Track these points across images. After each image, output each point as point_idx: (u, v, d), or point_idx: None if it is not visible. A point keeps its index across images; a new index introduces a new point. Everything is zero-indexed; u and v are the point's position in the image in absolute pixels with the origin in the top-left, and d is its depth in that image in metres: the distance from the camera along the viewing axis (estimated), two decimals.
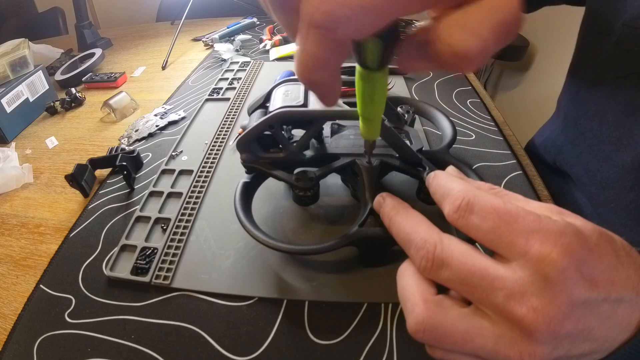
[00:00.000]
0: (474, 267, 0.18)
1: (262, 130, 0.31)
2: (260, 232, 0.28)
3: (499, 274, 0.17)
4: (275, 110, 0.30)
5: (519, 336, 0.17)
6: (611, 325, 0.17)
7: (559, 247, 0.16)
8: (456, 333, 0.18)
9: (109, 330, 0.29)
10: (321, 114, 0.30)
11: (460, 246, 0.19)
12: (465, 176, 0.23)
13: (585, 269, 0.16)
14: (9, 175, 0.45)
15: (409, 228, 0.21)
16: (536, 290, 0.16)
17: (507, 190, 0.21)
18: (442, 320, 0.18)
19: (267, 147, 0.32)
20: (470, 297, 0.18)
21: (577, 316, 0.16)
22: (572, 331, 0.16)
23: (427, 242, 0.19)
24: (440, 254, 0.19)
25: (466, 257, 0.18)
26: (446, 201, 0.20)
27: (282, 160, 0.32)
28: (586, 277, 0.16)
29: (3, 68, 0.58)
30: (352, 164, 0.31)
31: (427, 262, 0.19)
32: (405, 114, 0.38)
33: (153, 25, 1.09)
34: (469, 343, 0.18)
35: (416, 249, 0.20)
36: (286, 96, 0.32)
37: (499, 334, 0.17)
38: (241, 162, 0.32)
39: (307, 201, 0.31)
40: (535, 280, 0.16)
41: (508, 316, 0.17)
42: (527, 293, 0.16)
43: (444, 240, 0.19)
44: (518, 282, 0.17)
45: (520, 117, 1.48)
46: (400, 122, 0.37)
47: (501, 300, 0.17)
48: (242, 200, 0.31)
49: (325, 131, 0.35)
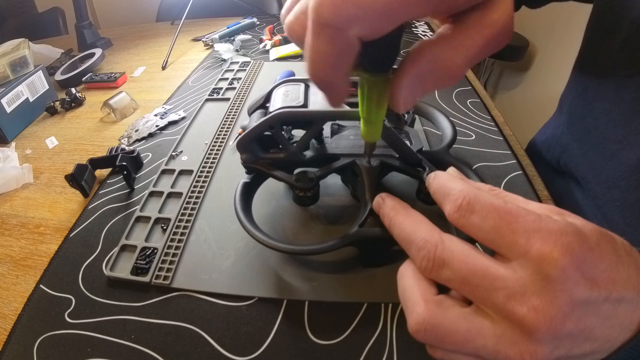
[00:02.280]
0: (475, 266, 0.18)
1: (262, 131, 0.31)
2: (260, 232, 0.28)
3: (500, 274, 0.17)
4: (275, 111, 0.30)
5: (519, 336, 0.17)
6: (612, 324, 0.17)
7: (560, 246, 0.16)
8: (457, 333, 0.18)
9: (109, 330, 0.29)
10: (321, 114, 0.30)
11: (461, 246, 0.19)
12: (465, 177, 0.23)
13: (585, 268, 0.16)
14: (9, 175, 0.45)
15: (410, 228, 0.21)
16: (537, 290, 0.16)
17: (507, 192, 0.21)
18: (442, 320, 0.18)
19: (267, 147, 0.32)
20: (471, 297, 0.18)
21: (578, 316, 0.16)
22: (573, 331, 0.16)
23: (428, 242, 0.19)
24: (441, 254, 0.19)
25: (467, 256, 0.18)
26: (447, 201, 0.20)
27: (282, 160, 0.32)
28: (587, 277, 0.16)
29: (3, 68, 0.58)
30: (352, 164, 0.31)
31: (428, 262, 0.19)
32: (405, 114, 0.38)
33: (153, 25, 1.09)
34: (470, 343, 0.18)
35: (417, 249, 0.20)
36: (286, 96, 0.32)
37: (499, 334, 0.17)
38: (241, 162, 0.32)
39: (307, 201, 0.31)
40: (535, 280, 0.16)
41: (509, 316, 0.17)
42: (527, 292, 0.16)
43: (444, 240, 0.19)
44: (519, 281, 0.17)
45: (521, 117, 1.48)
46: (400, 122, 0.37)
47: (502, 300, 0.17)
48: (242, 201, 0.31)
49: (326, 131, 0.35)
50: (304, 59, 0.18)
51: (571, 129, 0.45)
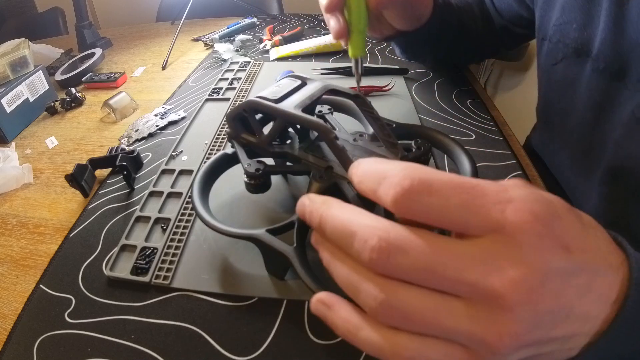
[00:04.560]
0: (440, 247, 0.16)
1: (238, 112, 0.32)
2: (201, 204, 0.30)
3: (470, 251, 0.16)
4: (252, 97, 0.31)
5: (497, 315, 0.15)
6: (591, 300, 0.16)
7: (532, 214, 0.15)
8: (423, 310, 0.16)
9: (109, 330, 0.29)
10: (280, 113, 0.29)
11: (414, 229, 0.16)
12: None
13: (558, 234, 0.16)
14: (9, 175, 0.45)
15: (348, 218, 0.18)
16: (512, 261, 0.15)
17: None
18: (406, 297, 0.16)
19: (250, 130, 0.33)
20: (438, 284, 0.16)
21: (557, 287, 0.15)
22: (553, 307, 0.15)
23: (376, 228, 0.16)
24: (395, 238, 0.16)
25: (427, 237, 0.16)
26: (385, 186, 0.17)
27: (254, 145, 0.33)
28: (561, 243, 0.16)
29: (3, 68, 0.58)
30: (307, 173, 0.31)
31: (380, 253, 0.16)
32: (413, 147, 0.32)
33: (153, 25, 1.09)
34: (440, 322, 0.16)
35: (362, 240, 0.16)
36: (276, 87, 0.32)
37: (473, 314, 0.15)
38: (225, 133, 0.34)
39: (250, 189, 0.32)
40: (510, 251, 0.15)
41: (486, 294, 0.15)
42: (503, 265, 0.15)
43: (394, 224, 0.17)
44: (492, 256, 0.15)
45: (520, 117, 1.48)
46: (395, 148, 0.31)
47: (476, 277, 0.15)
48: (209, 169, 0.34)
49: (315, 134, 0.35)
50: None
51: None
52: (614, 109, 0.38)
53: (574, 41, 0.40)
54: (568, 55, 0.41)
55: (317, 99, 0.31)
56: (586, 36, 0.38)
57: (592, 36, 0.38)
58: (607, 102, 0.39)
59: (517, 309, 0.15)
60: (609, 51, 0.36)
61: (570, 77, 0.42)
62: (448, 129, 0.49)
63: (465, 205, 0.16)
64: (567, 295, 0.16)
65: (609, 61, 0.36)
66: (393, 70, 0.62)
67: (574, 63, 0.41)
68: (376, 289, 0.16)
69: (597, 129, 0.41)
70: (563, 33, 0.41)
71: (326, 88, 0.32)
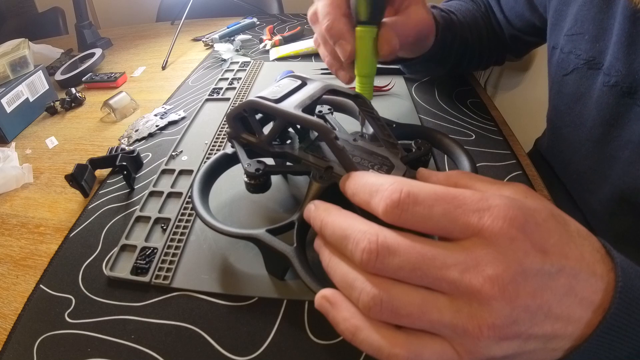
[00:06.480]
0: (424, 249, 0.18)
1: (239, 112, 0.32)
2: (200, 202, 0.31)
3: (452, 252, 0.17)
4: (252, 97, 0.31)
5: (477, 309, 0.17)
6: (571, 303, 0.17)
7: (508, 219, 0.17)
8: (411, 304, 0.18)
9: (109, 330, 0.29)
10: (281, 113, 0.29)
11: (402, 233, 0.19)
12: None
13: (534, 239, 0.17)
14: (9, 175, 0.45)
15: (344, 224, 0.20)
16: (489, 261, 0.17)
17: (466, 172, 0.23)
18: (397, 294, 0.18)
19: (250, 130, 0.33)
20: (424, 282, 0.18)
21: (532, 287, 0.17)
22: (530, 305, 0.17)
23: (368, 232, 0.19)
24: (384, 241, 0.18)
25: (413, 240, 0.18)
26: (377, 198, 0.19)
27: (254, 145, 0.33)
28: (536, 247, 0.17)
29: (3, 68, 0.58)
30: (307, 173, 0.31)
31: (370, 254, 0.18)
32: (413, 148, 0.32)
33: (153, 25, 1.09)
34: (425, 315, 0.17)
35: (355, 243, 0.19)
36: (276, 87, 0.32)
37: (456, 309, 0.17)
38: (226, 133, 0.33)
39: (250, 189, 0.31)
40: (488, 253, 0.17)
41: (466, 290, 0.17)
42: (481, 265, 0.17)
43: (384, 229, 0.19)
44: (471, 256, 0.17)
45: (520, 117, 1.48)
46: (396, 149, 0.31)
47: (457, 276, 0.17)
48: (209, 168, 0.34)
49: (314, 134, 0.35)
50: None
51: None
52: (624, 126, 0.37)
53: (586, 52, 0.39)
54: (579, 66, 0.41)
55: (317, 99, 0.31)
56: (598, 48, 0.38)
57: (603, 49, 0.37)
58: (617, 119, 0.38)
59: (493, 303, 0.16)
60: (620, 66, 0.35)
61: (581, 91, 0.41)
62: (448, 129, 0.49)
63: (446, 214, 0.18)
64: (543, 295, 0.17)
65: (620, 76, 0.36)
66: (393, 70, 0.62)
67: (585, 75, 0.40)
68: (368, 285, 0.18)
69: (606, 146, 0.40)
70: (575, 44, 0.40)
71: (326, 88, 0.32)
